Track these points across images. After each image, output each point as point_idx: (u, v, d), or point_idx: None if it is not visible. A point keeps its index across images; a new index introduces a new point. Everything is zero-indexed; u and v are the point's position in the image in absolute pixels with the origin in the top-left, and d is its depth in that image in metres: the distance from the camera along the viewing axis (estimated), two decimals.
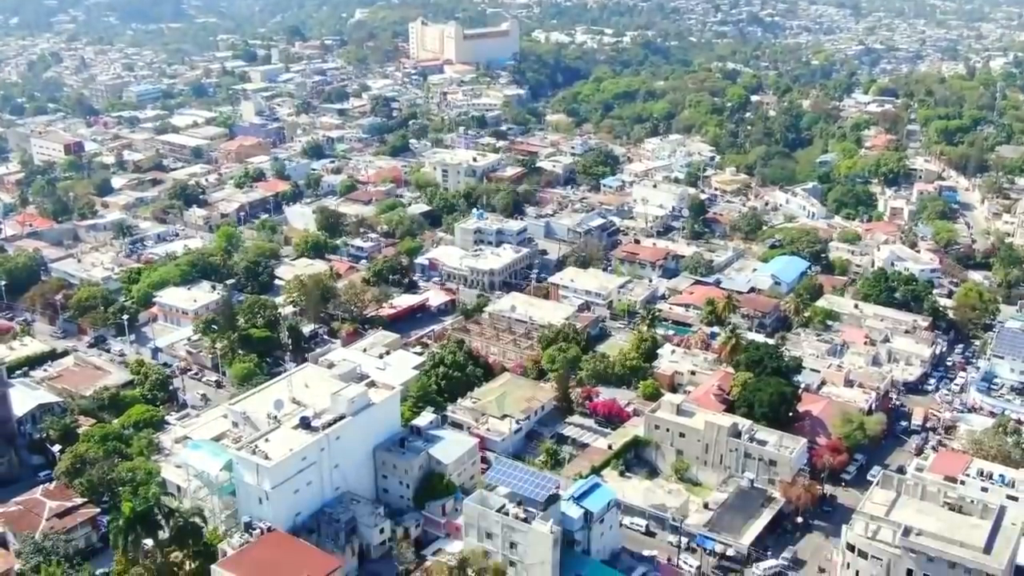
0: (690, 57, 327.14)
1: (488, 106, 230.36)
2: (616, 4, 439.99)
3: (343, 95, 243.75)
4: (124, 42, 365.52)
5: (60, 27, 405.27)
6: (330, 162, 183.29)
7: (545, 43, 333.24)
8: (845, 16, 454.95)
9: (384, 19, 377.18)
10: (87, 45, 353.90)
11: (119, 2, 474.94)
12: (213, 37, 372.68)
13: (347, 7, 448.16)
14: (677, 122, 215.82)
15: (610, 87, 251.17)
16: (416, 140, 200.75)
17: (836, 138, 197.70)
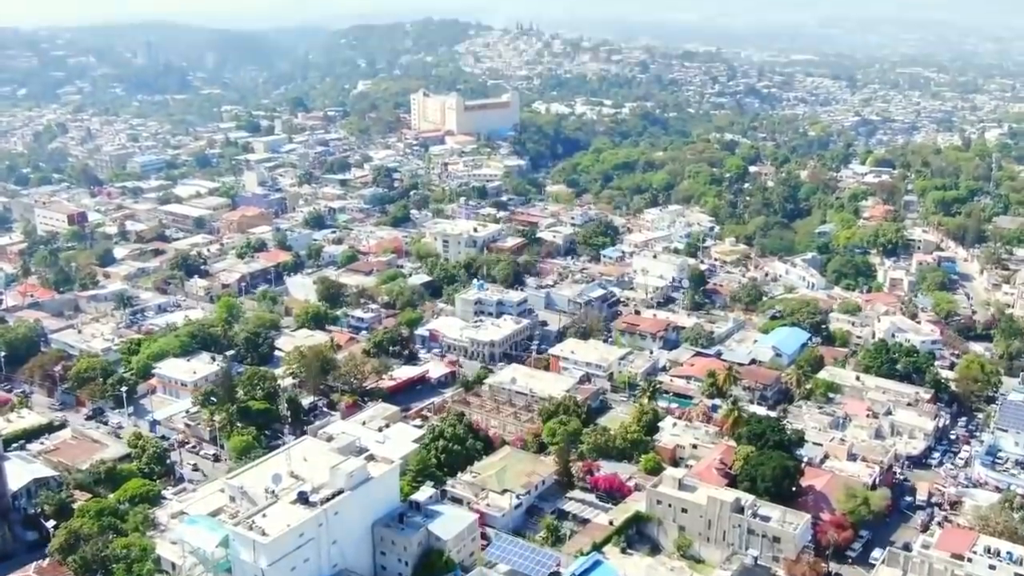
0: (688, 128, 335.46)
1: (489, 177, 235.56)
2: (615, 76, 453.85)
3: (345, 166, 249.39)
4: (130, 113, 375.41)
5: (67, 98, 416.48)
6: (331, 232, 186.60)
7: (545, 114, 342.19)
8: (841, 88, 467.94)
9: (386, 91, 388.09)
10: (93, 116, 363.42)
11: (126, 74, 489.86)
12: (217, 108, 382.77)
13: (350, 79, 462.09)
14: (676, 192, 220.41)
15: (609, 158, 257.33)
16: (417, 210, 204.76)
17: (834, 208, 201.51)
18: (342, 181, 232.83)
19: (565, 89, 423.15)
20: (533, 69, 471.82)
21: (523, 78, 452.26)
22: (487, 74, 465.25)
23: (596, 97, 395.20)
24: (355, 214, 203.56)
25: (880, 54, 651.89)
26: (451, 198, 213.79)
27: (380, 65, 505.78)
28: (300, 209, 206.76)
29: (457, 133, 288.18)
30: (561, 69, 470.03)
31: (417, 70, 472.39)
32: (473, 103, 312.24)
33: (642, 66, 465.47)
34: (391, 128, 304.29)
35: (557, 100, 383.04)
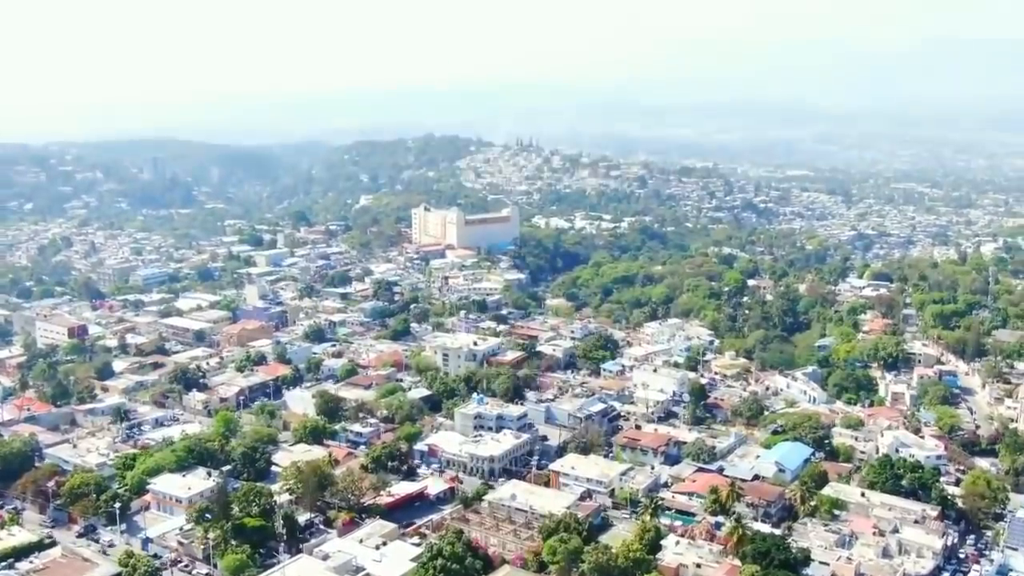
0: (687, 242, 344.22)
1: (489, 290, 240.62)
2: (614, 191, 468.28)
3: (346, 279, 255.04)
4: (134, 227, 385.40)
5: (73, 212, 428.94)
6: (331, 346, 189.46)
7: (545, 228, 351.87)
8: (836, 203, 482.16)
9: (388, 205, 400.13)
10: (98, 230, 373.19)
11: (132, 188, 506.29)
12: (221, 222, 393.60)
13: (352, 193, 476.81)
14: (675, 306, 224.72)
15: (609, 272, 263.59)
16: (417, 324, 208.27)
17: (833, 322, 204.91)
18: (343, 295, 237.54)
19: (565, 204, 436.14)
20: (533, 184, 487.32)
21: (523, 193, 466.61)
22: (488, 189, 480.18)
23: (595, 212, 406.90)
24: (355, 327, 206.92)
25: (875, 170, 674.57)
26: (451, 312, 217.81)
27: (382, 180, 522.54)
28: (300, 322, 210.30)
29: (458, 247, 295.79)
30: (561, 184, 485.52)
31: (419, 185, 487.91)
32: (474, 217, 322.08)
33: (640, 181, 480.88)
34: (392, 242, 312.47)
35: (557, 214, 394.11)
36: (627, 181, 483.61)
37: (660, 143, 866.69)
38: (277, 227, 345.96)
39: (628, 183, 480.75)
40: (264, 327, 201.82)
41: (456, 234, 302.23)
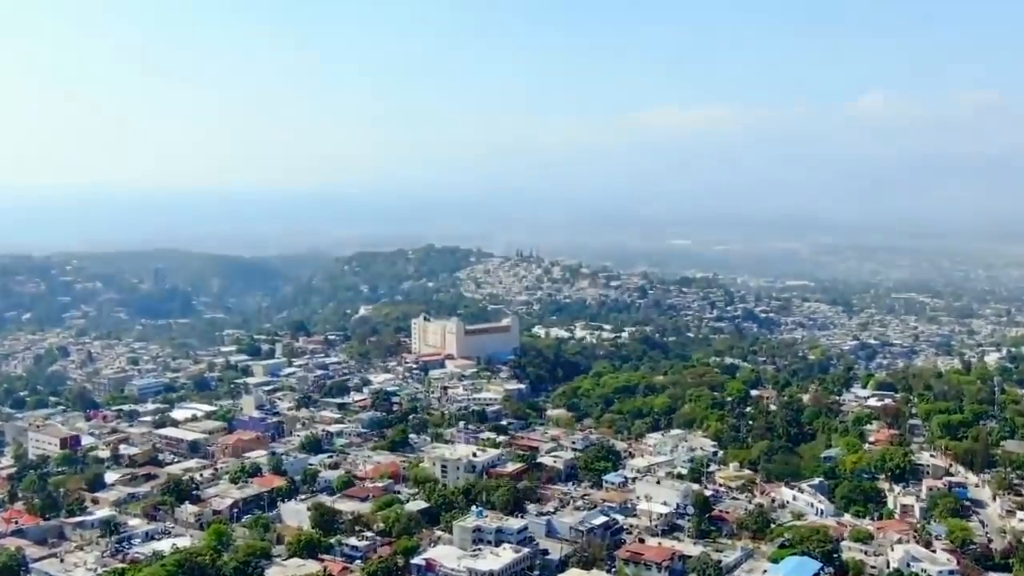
0: (688, 352, 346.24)
1: (488, 400, 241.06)
2: (614, 301, 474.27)
3: (344, 389, 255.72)
4: (132, 337, 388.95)
5: (71, 322, 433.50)
6: (328, 457, 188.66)
7: (545, 338, 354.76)
8: (838, 312, 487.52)
9: (387, 315, 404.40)
10: (95, 339, 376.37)
11: (131, 298, 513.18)
12: (219, 332, 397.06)
13: (352, 304, 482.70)
14: (678, 416, 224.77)
15: (610, 381, 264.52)
16: (416, 435, 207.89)
17: (839, 432, 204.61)
18: (340, 405, 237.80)
19: (565, 314, 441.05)
20: (533, 294, 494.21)
21: (523, 303, 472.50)
22: (487, 299, 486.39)
23: (595, 321, 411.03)
24: (353, 438, 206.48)
25: (875, 280, 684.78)
26: (450, 422, 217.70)
27: (382, 290, 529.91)
28: (297, 433, 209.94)
29: (457, 357, 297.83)
30: (561, 294, 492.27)
31: (419, 295, 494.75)
32: (473, 327, 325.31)
33: (641, 291, 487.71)
34: (391, 352, 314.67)
35: (557, 324, 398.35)
36: (627, 291, 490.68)
37: (660, 254, 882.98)
38: (276, 337, 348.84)
39: (628, 293, 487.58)
40: (260, 438, 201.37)
41: (456, 344, 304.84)
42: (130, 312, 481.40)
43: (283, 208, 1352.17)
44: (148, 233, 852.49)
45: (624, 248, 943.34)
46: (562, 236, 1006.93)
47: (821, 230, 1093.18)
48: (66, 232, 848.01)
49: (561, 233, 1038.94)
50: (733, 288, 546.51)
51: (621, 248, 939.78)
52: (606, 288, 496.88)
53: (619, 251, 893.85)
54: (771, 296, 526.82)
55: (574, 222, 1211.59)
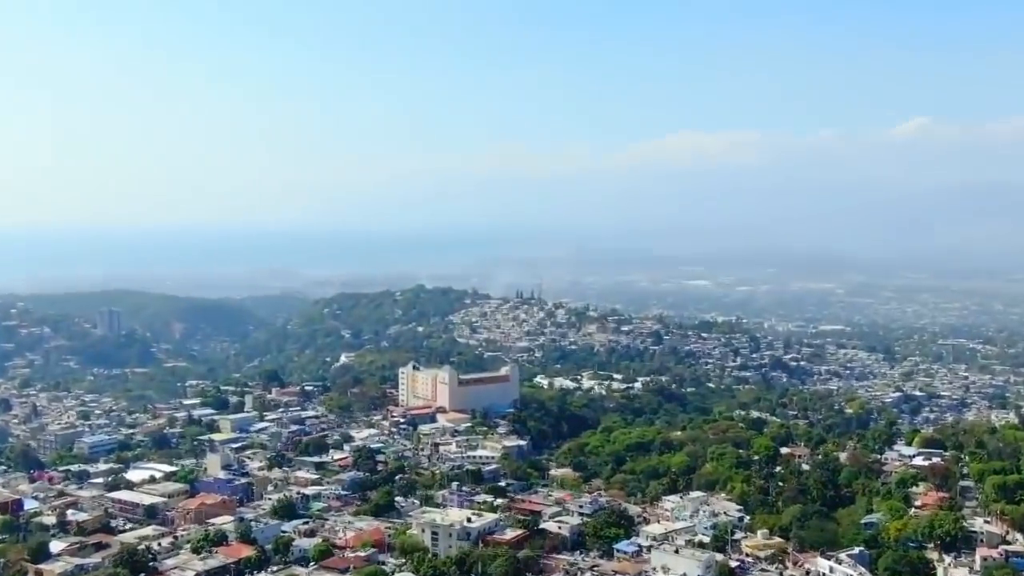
0: (709, 404, 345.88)
1: (485, 459, 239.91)
2: (625, 348, 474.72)
3: (322, 447, 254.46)
4: (82, 388, 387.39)
5: (15, 372, 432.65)
6: (303, 523, 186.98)
7: (548, 389, 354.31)
8: (878, 361, 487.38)
9: (372, 364, 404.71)
10: (41, 391, 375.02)
11: (82, 346, 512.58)
12: (182, 383, 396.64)
13: (331, 351, 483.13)
14: (698, 477, 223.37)
15: (621, 438, 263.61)
16: (403, 498, 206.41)
17: (881, 496, 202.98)
18: (318, 464, 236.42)
19: (570, 362, 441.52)
20: (535, 340, 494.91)
21: (523, 350, 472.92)
22: (484, 346, 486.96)
23: (605, 371, 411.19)
24: (331, 502, 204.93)
25: (919, 324, 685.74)
26: (442, 483, 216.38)
27: (366, 336, 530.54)
28: (268, 496, 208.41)
29: (450, 410, 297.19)
30: (566, 340, 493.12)
31: (407, 341, 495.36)
32: (468, 377, 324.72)
33: (655, 337, 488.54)
34: (376, 405, 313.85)
35: (561, 374, 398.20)
36: (640, 337, 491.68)
37: (676, 295, 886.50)
38: (246, 388, 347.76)
39: (642, 339, 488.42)
40: (226, 502, 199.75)
41: (448, 395, 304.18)
42: (81, 360, 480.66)
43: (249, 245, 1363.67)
44: (100, 273, 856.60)
45: (637, 289, 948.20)
46: (567, 276, 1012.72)
47: (857, 268, 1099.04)
48: (8, 273, 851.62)
49: (566, 272, 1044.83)
50: (759, 333, 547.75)
51: (633, 289, 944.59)
52: (616, 333, 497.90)
53: (631, 292, 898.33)
54: (802, 342, 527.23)
55: (581, 260, 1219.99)
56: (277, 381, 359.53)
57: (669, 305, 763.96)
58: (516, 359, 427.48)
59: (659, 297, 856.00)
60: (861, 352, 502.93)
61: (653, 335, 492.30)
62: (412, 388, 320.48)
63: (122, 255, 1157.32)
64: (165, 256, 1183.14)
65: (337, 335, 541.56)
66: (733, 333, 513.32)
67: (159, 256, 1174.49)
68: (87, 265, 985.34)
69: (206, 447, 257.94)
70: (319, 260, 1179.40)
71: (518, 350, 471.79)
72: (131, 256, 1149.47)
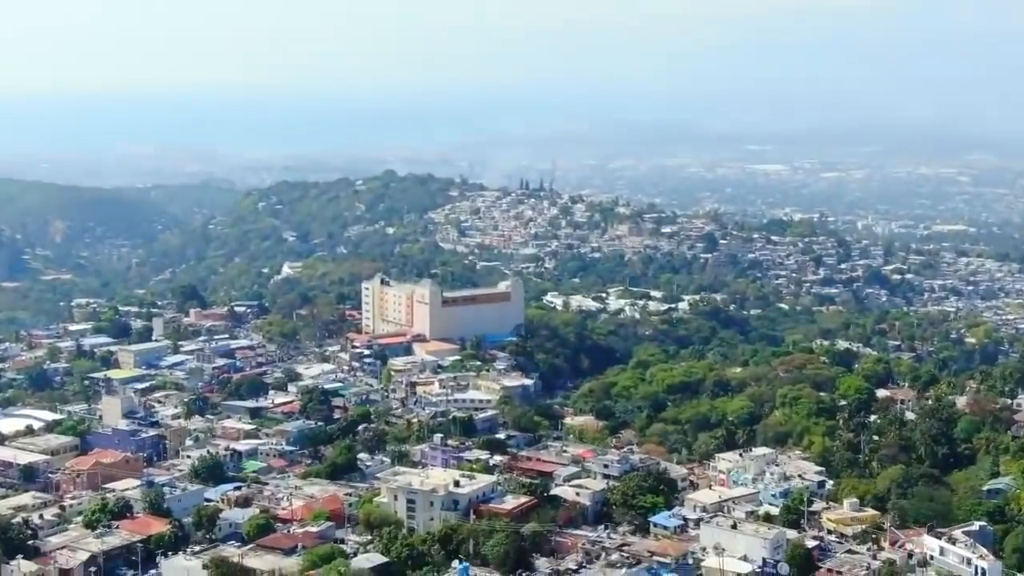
0: (780, 332, 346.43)
1: (478, 403, 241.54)
2: (667, 256, 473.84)
3: (259, 388, 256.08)
4: None
5: None
6: (235, 488, 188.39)
7: (563, 311, 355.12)
8: (1012, 273, 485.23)
9: (324, 277, 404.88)
10: None
11: None
12: (66, 302, 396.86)
13: (269, 259, 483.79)
14: (764, 428, 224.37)
15: (661, 376, 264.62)
16: (368, 455, 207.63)
17: (1011, 454, 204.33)
18: (254, 410, 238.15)
19: (592, 275, 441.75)
20: (545, 246, 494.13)
21: (530, 259, 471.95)
22: (476, 253, 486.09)
23: (638, 286, 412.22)
24: (272, 460, 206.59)
25: None
26: (420, 436, 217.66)
27: (316, 239, 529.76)
28: (187, 453, 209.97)
29: (431, 339, 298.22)
30: (587, 246, 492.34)
31: (372, 246, 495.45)
32: (455, 294, 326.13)
33: (707, 241, 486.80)
34: (331, 331, 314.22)
35: (581, 290, 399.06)
36: (687, 241, 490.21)
37: (736, 185, 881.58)
38: (154, 309, 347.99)
39: (690, 244, 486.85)
40: (130, 461, 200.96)
41: (429, 319, 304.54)
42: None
43: (157, 116, 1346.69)
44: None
45: (683, 176, 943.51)
46: (590, 159, 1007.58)
47: (987, 148, 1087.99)
48: None
49: (588, 154, 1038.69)
50: (850, 236, 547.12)
51: (679, 176, 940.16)
52: (655, 236, 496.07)
53: (675, 181, 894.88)
54: (909, 248, 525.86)
55: (608, 137, 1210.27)
56: (196, 300, 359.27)
57: (727, 198, 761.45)
58: (520, 271, 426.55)
59: (714, 187, 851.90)
60: (989, 261, 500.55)
61: (705, 239, 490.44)
62: (380, 309, 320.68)
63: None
64: (40, 130, 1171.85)
65: (277, 238, 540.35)
66: (814, 236, 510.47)
67: (31, 130, 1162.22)
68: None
69: (101, 388, 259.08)
70: (254, 136, 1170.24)
71: (522, 259, 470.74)
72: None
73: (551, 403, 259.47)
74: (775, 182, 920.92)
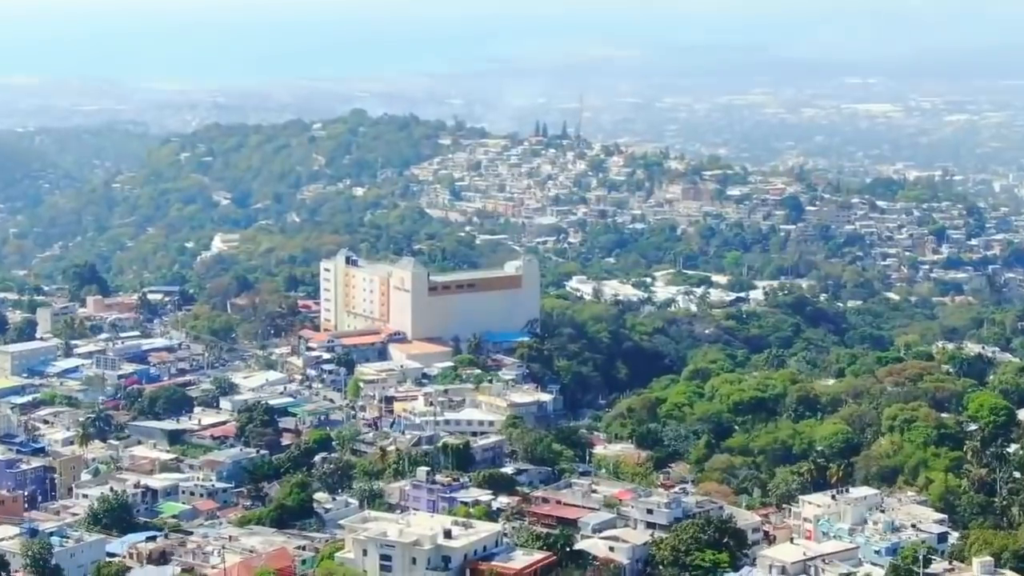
0: (887, 331, 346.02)
1: (477, 426, 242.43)
2: (734, 227, 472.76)
3: (181, 403, 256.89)
4: None
5: None
6: (148, 539, 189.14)
7: (593, 302, 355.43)
8: None
9: (270, 254, 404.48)
10: None
11: None
12: None
13: (196, 229, 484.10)
14: (866, 461, 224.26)
15: (725, 389, 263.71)
16: (329, 494, 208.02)
17: None
18: (174, 434, 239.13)
19: (633, 252, 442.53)
20: (568, 213, 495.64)
21: (548, 230, 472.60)
22: (475, 223, 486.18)
23: (696, 269, 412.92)
24: (199, 501, 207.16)
25: None
26: (400, 469, 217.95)
27: (259, 203, 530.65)
28: (82, 491, 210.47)
29: (414, 338, 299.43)
30: (625, 213, 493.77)
31: (334, 213, 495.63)
32: (447, 279, 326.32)
33: (791, 207, 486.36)
34: (278, 328, 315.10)
35: (617, 273, 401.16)
36: (763, 207, 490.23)
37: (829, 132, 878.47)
38: (39, 297, 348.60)
39: (765, 212, 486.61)
40: (6, 501, 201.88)
41: (411, 312, 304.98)
42: None
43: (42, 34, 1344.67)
44: None
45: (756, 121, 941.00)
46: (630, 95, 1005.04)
47: None
48: None
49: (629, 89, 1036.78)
50: (984, 201, 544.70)
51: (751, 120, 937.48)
52: (719, 200, 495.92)
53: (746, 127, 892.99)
54: None
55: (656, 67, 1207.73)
56: (96, 284, 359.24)
57: (817, 149, 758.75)
58: (535, 247, 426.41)
59: (799, 134, 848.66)
60: None
61: (787, 204, 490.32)
62: (345, 299, 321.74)
63: None
64: None
65: (206, 201, 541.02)
66: (935, 201, 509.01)
67: None
68: None
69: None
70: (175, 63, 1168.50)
71: (538, 231, 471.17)
72: None
73: (576, 426, 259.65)
74: (882, 128, 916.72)
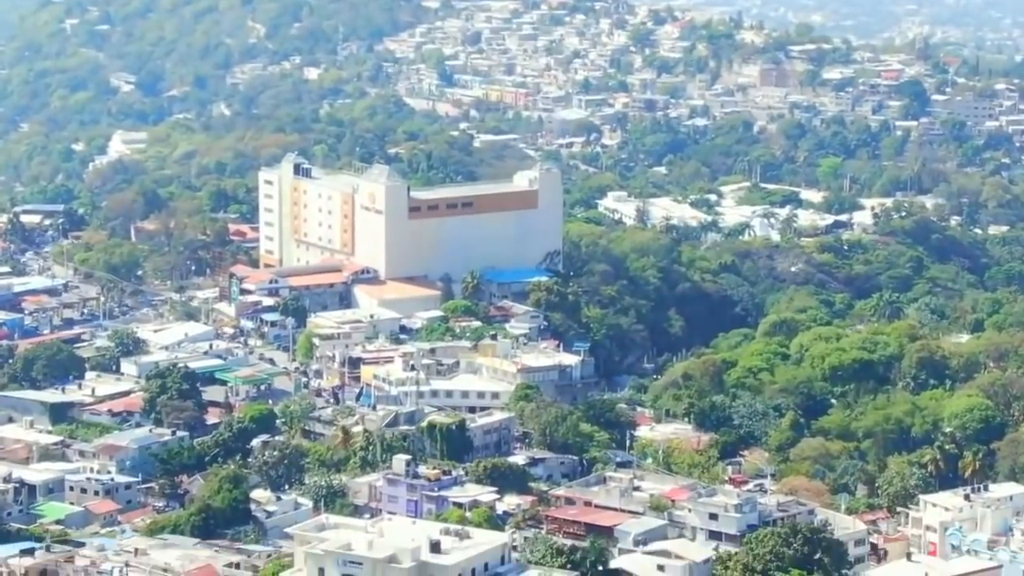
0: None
1: (476, 398, 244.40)
2: (832, 124, 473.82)
3: (68, 365, 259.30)
4: None
5: None
6: (22, 553, 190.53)
7: (636, 228, 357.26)
8: None
9: (189, 159, 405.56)
10: None
11: None
12: None
13: (88, 125, 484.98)
14: (1012, 448, 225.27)
15: (817, 348, 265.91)
16: (272, 492, 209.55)
17: None
18: (58, 408, 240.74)
19: (692, 159, 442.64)
20: (602, 104, 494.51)
21: (574, 128, 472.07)
22: (473, 118, 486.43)
23: (777, 181, 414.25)
24: (92, 501, 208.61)
25: None
26: (370, 457, 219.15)
27: (174, 88, 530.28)
28: None
29: (388, 277, 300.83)
30: (680, 104, 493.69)
31: (279, 104, 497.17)
32: (434, 195, 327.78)
33: (910, 95, 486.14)
34: (202, 262, 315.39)
35: (669, 189, 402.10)
36: (874, 97, 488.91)
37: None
38: None
39: (876, 102, 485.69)
40: None
41: (386, 241, 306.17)
42: None
43: None
44: None
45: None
46: None
47: None
48: None
49: None
50: None
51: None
52: (810, 86, 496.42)
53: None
54: None
55: None
56: None
57: (949, 15, 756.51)
58: (556, 151, 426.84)
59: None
60: None
61: (906, 91, 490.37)
62: (294, 222, 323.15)
63: None
64: None
65: (101, 86, 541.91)
66: None
67: None
68: None
69: None
70: None
71: (561, 129, 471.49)
72: None
73: (613, 399, 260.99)
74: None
